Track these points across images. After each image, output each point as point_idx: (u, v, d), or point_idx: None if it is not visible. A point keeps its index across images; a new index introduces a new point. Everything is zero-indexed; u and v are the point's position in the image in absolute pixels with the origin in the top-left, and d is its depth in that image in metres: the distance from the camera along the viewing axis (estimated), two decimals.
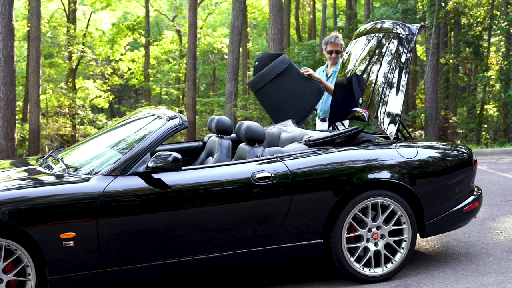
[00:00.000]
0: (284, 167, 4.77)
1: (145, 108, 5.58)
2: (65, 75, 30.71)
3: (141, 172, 4.48)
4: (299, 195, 4.75)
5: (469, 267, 5.28)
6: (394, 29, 5.86)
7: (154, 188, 4.43)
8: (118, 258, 4.35)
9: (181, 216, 4.48)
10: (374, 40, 6.06)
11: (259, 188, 4.65)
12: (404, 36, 5.69)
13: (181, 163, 4.46)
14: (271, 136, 6.09)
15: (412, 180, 5.04)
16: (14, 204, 4.10)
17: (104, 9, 33.36)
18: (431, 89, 19.82)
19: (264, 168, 4.73)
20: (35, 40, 20.49)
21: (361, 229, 4.95)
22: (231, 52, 19.30)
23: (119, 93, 42.63)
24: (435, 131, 19.72)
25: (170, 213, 4.45)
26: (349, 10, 29.85)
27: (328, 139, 5.21)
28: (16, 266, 4.17)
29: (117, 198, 4.33)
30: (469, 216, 5.48)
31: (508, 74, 19.33)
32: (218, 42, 35.59)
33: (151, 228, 4.40)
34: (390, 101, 5.56)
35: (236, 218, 4.62)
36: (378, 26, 6.16)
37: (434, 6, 18.67)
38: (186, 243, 4.49)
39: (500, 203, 7.83)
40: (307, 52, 18.44)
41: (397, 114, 5.47)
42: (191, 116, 23.49)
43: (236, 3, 18.94)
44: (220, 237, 4.58)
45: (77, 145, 5.51)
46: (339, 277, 5.09)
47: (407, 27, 5.74)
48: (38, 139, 20.67)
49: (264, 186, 4.65)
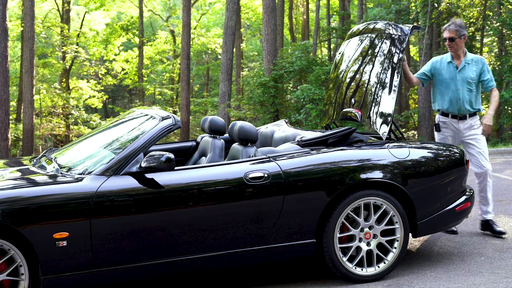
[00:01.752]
0: (277, 167, 4.78)
1: (139, 108, 5.58)
2: (59, 75, 30.66)
3: (134, 172, 4.49)
4: (292, 195, 4.76)
5: (461, 267, 5.30)
6: (386, 29, 5.88)
7: (147, 188, 4.43)
8: (111, 258, 4.36)
9: (174, 216, 4.48)
10: (367, 40, 6.08)
11: (252, 188, 4.66)
12: (397, 37, 5.71)
13: (174, 163, 4.46)
14: (264, 136, 6.11)
15: (405, 180, 5.06)
16: (7, 204, 4.10)
17: (98, 9, 33.33)
18: (424, 89, 19.87)
19: (257, 168, 4.75)
20: (29, 40, 20.44)
21: (354, 229, 4.97)
22: (224, 52, 19.31)
23: (113, 93, 42.57)
24: (428, 131, 19.77)
25: (163, 213, 4.45)
26: (343, 10, 29.92)
27: (320, 139, 5.23)
28: (9, 266, 4.17)
29: (110, 198, 4.33)
30: (461, 216, 5.50)
31: (501, 75, 19.40)
32: (211, 42, 35.60)
33: (144, 228, 4.41)
34: (383, 101, 5.58)
35: (229, 218, 4.62)
36: (370, 27, 6.18)
37: (427, 7, 18.73)
38: (179, 243, 4.50)
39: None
40: (301, 53, 18.43)
41: (390, 114, 5.50)
42: (184, 116, 23.50)
43: (229, 3, 18.95)
44: (213, 237, 4.59)
45: (71, 145, 5.51)
46: (331, 277, 5.10)
47: (400, 28, 5.76)
48: (32, 139, 20.63)
49: (257, 186, 4.66)
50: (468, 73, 6.19)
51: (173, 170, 4.54)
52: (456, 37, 6.17)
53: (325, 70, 16.68)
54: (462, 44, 6.22)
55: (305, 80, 17.95)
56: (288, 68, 17.70)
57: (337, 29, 30.26)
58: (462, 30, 6.18)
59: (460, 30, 6.17)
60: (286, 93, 18.32)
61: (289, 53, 19.12)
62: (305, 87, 16.45)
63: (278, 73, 17.58)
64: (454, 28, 6.16)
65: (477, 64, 6.23)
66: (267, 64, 18.14)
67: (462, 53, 6.27)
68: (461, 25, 6.20)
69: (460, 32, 6.17)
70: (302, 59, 17.89)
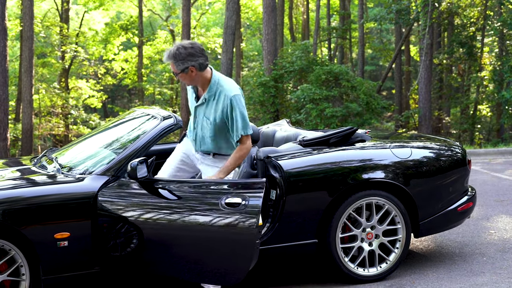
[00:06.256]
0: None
1: (139, 108, 5.55)
2: (58, 75, 30.60)
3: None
4: (294, 195, 4.75)
5: (463, 267, 5.29)
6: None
7: (145, 189, 4.41)
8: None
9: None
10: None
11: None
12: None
13: (136, 171, 4.31)
14: (265, 136, 6.09)
15: (406, 180, 5.04)
16: (8, 204, 4.09)
17: (97, 9, 33.28)
18: (424, 89, 19.85)
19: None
20: (28, 40, 20.41)
21: (356, 229, 4.96)
22: (224, 52, 19.28)
23: (112, 93, 42.52)
24: (428, 131, 19.76)
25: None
26: (343, 10, 29.92)
27: (322, 139, 5.21)
28: (10, 266, 4.15)
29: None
30: (463, 216, 5.49)
31: (501, 75, 19.38)
32: (211, 42, 35.55)
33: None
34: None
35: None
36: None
37: (428, 7, 18.69)
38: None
39: (493, 203, 7.85)
40: (301, 52, 18.42)
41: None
42: (184, 116, 23.46)
43: (229, 3, 18.92)
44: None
45: (71, 145, 5.49)
46: (333, 277, 5.09)
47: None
48: (31, 139, 20.60)
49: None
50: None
51: (138, 179, 4.37)
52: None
53: (325, 70, 16.67)
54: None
55: (305, 80, 17.94)
56: (288, 68, 17.69)
57: (337, 29, 30.27)
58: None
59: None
60: (286, 93, 18.31)
61: (289, 53, 19.10)
62: (305, 87, 16.44)
63: (278, 73, 17.56)
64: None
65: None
66: (267, 64, 18.12)
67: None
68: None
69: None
70: (302, 59, 17.88)
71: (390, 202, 4.97)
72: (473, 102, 23.60)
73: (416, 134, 6.74)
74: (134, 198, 4.37)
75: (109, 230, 4.26)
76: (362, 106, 16.50)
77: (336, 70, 16.66)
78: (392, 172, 5.02)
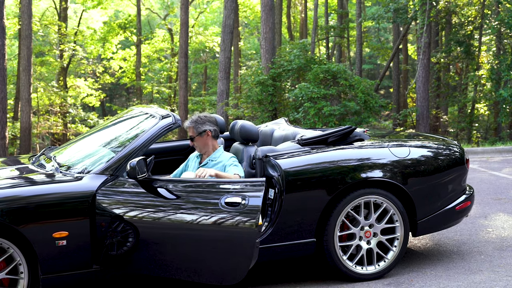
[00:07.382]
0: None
1: (138, 107, 5.54)
2: (56, 74, 30.57)
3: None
4: (292, 194, 4.75)
5: (460, 265, 5.30)
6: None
7: (144, 189, 4.42)
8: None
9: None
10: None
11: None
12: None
13: (136, 170, 4.34)
14: (264, 135, 6.09)
15: (405, 179, 5.05)
16: (6, 203, 4.08)
17: (96, 8, 33.22)
18: (422, 88, 19.86)
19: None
20: (26, 38, 20.38)
21: (354, 227, 4.96)
22: (222, 50, 19.28)
23: (111, 91, 42.52)
24: (426, 130, 19.76)
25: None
26: (341, 9, 29.91)
27: (321, 138, 5.21)
28: (8, 264, 4.16)
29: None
30: (461, 215, 5.50)
31: (499, 73, 19.39)
32: (209, 40, 35.54)
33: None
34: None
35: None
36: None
37: (426, 5, 18.70)
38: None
39: (491, 202, 7.87)
40: (299, 51, 18.39)
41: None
42: (182, 115, 23.46)
43: (228, 2, 18.92)
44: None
45: (70, 144, 5.49)
46: (332, 276, 5.10)
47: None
48: (29, 137, 20.57)
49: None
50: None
51: (137, 178, 4.39)
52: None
53: (323, 69, 16.66)
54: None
55: (303, 78, 17.90)
56: (286, 67, 17.66)
57: (335, 28, 30.27)
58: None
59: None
60: (284, 92, 18.28)
61: (287, 52, 19.06)
62: (303, 85, 16.42)
63: (276, 72, 17.54)
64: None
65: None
66: (265, 63, 18.10)
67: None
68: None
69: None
70: (300, 57, 17.84)
71: (388, 201, 4.98)
72: (471, 100, 23.62)
73: (414, 132, 6.73)
74: (133, 197, 4.37)
75: (108, 229, 4.27)
76: (360, 105, 16.49)
77: (334, 68, 16.64)
78: (390, 171, 5.03)
